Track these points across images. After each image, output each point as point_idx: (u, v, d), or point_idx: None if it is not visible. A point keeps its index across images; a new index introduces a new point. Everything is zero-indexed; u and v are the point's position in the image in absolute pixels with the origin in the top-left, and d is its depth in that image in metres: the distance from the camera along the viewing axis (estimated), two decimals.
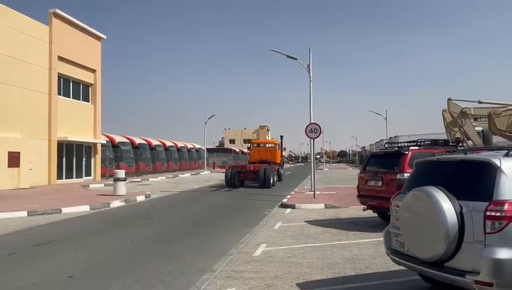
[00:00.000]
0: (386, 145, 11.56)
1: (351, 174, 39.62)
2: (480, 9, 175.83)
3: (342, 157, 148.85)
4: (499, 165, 4.08)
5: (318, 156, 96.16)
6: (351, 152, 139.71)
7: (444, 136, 18.83)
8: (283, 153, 34.01)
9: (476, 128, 20.47)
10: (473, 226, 3.99)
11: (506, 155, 4.21)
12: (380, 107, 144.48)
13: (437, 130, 25.86)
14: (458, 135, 18.97)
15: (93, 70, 29.19)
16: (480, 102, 19.39)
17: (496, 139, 21.42)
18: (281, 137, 32.03)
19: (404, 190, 5.17)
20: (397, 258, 4.98)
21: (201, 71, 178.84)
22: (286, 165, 53.50)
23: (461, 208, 4.12)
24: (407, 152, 9.84)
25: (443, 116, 20.17)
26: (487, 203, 3.94)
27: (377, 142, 70.27)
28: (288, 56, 19.16)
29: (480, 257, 3.84)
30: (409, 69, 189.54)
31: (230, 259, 7.09)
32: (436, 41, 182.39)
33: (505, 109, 17.44)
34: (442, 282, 4.72)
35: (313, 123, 16.93)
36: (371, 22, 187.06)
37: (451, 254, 4.12)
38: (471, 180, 4.34)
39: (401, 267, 5.44)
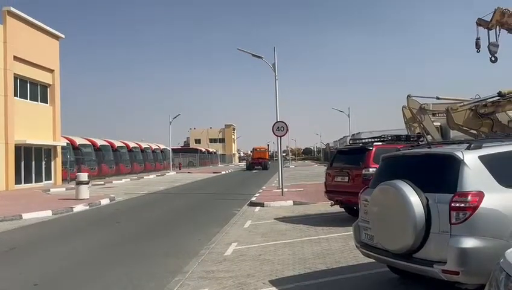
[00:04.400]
0: (350, 142, 11.80)
1: (317, 171, 40.24)
2: (442, 9, 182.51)
3: (307, 154, 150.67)
4: (462, 158, 4.25)
5: (284, 154, 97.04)
6: (315, 149, 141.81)
7: (404, 132, 19.46)
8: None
9: (435, 123, 21.29)
10: (439, 217, 4.14)
11: (468, 148, 4.39)
12: (343, 105, 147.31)
13: (397, 126, 26.64)
14: (418, 130, 19.65)
15: (51, 71, 28.14)
16: (438, 98, 20.17)
17: (454, 134, 22.34)
18: (268, 145, 64.51)
19: (372, 185, 5.30)
20: (367, 251, 5.11)
21: (164, 70, 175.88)
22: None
23: (427, 200, 4.26)
24: (371, 148, 10.09)
25: (403, 112, 20.80)
26: (452, 195, 4.09)
27: (341, 138, 71.70)
28: (253, 55, 19.21)
29: (446, 246, 3.99)
30: (370, 66, 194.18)
31: (202, 259, 7.04)
32: (396, 40, 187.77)
33: (462, 104, 18.19)
34: (410, 272, 4.88)
35: (279, 121, 17.07)
36: (333, 20, 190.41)
37: (419, 245, 4.26)
38: (436, 173, 4.50)
39: (370, 260, 5.58)
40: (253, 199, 16.01)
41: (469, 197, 4.02)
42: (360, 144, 10.97)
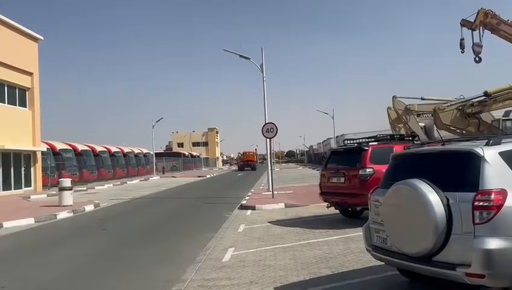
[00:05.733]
0: (345, 142, 11.61)
1: (303, 173, 40.21)
2: (415, 7, 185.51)
3: (290, 157, 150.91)
4: (482, 154, 4.04)
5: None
6: (298, 152, 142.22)
7: (389, 133, 19.47)
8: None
9: (419, 124, 21.39)
10: (461, 217, 3.92)
11: (487, 144, 4.20)
12: (325, 107, 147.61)
13: (382, 127, 26.70)
14: (403, 130, 19.69)
15: (30, 74, 27.28)
16: (423, 98, 20.29)
17: (438, 135, 22.45)
18: (256, 149, 79.03)
19: (382, 185, 5.06)
20: (379, 255, 4.85)
21: (146, 73, 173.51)
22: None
23: (447, 199, 4.05)
24: (367, 148, 9.91)
25: (388, 113, 20.86)
26: (474, 193, 3.87)
27: (324, 140, 71.94)
28: (240, 56, 18.93)
29: (470, 248, 3.77)
30: (353, 69, 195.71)
31: (199, 267, 6.70)
32: (380, 43, 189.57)
33: (449, 104, 18.29)
34: (421, 275, 4.65)
35: (269, 123, 16.81)
36: (311, 21, 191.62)
37: (439, 248, 4.03)
38: (455, 171, 4.28)
39: (377, 263, 5.37)
40: (244, 202, 15.70)
41: (492, 196, 3.81)
42: (355, 144, 10.79)
